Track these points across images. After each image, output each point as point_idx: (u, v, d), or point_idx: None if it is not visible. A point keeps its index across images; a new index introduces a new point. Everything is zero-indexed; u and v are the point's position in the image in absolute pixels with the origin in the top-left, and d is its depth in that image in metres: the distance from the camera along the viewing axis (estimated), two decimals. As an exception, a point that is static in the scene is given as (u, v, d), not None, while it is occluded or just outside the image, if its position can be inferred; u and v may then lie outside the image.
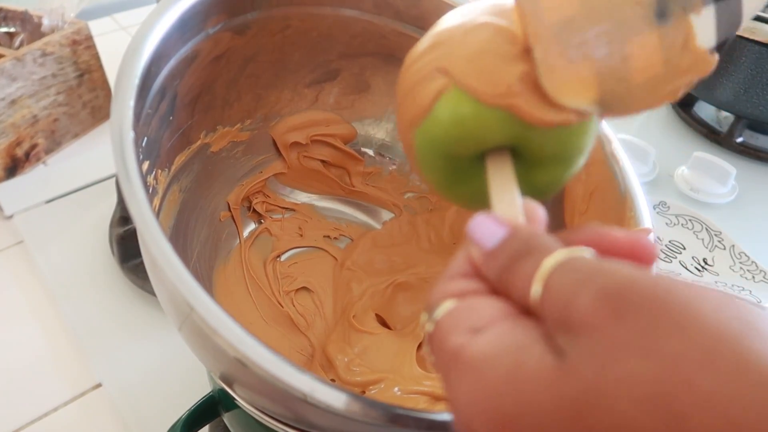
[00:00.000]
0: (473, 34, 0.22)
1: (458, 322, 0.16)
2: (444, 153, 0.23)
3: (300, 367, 0.21)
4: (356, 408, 0.21)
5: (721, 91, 0.65)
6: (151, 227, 0.22)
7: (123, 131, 0.23)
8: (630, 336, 0.12)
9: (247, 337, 0.21)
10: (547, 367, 0.13)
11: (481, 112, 0.21)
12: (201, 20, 0.31)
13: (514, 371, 0.14)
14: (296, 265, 0.42)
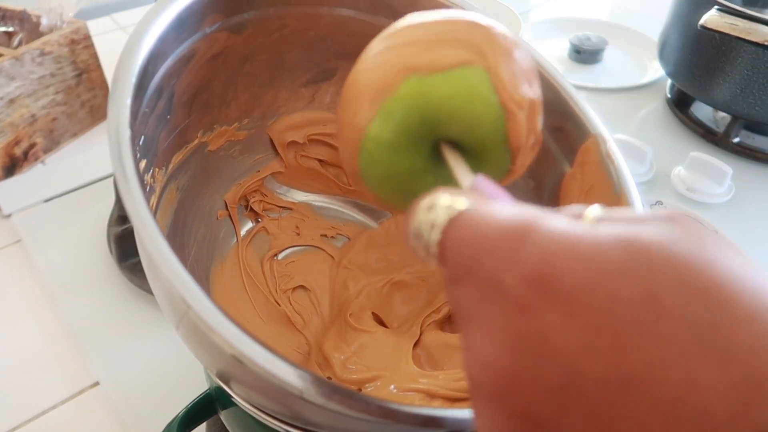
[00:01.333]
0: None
1: (521, 207, 0.16)
2: (404, 133, 0.23)
3: (296, 365, 0.21)
4: (352, 405, 0.21)
5: (717, 91, 0.66)
6: (148, 225, 0.22)
7: (120, 129, 0.24)
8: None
9: (243, 335, 0.21)
10: (663, 235, 0.14)
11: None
12: (198, 19, 0.31)
13: (630, 238, 0.14)
14: (293, 263, 0.42)
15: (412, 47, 0.23)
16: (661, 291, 0.13)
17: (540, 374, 0.13)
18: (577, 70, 0.83)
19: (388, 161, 0.23)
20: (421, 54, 0.22)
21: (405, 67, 0.22)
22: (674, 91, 0.75)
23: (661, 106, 0.77)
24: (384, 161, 0.23)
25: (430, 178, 0.24)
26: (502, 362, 0.14)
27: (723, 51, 0.63)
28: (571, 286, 0.13)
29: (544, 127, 0.34)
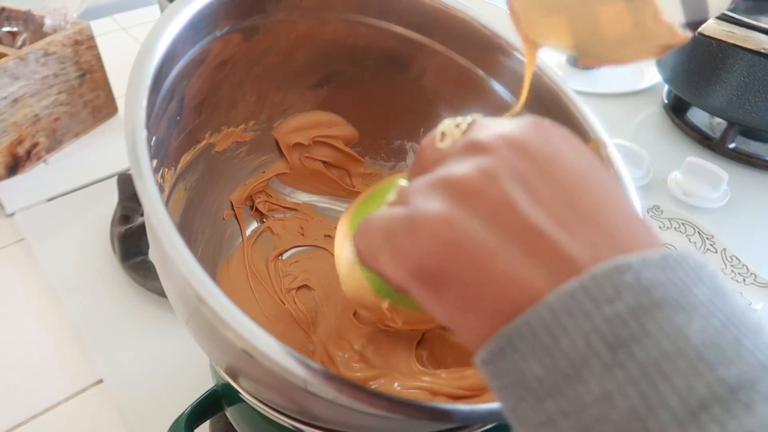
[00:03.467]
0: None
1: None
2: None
3: (306, 358, 0.22)
4: (362, 398, 0.22)
5: (714, 97, 0.67)
6: (163, 222, 0.22)
7: (136, 130, 0.24)
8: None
9: (256, 328, 0.21)
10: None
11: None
12: (210, 23, 0.32)
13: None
14: (298, 263, 0.43)
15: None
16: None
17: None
18: (575, 75, 0.84)
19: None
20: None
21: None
22: (671, 97, 0.76)
23: (658, 111, 0.78)
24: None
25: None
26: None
27: (720, 58, 0.64)
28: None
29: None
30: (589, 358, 0.15)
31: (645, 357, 0.14)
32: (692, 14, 0.26)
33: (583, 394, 0.15)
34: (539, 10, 0.27)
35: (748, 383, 0.14)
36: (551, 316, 0.15)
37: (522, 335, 0.16)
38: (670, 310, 0.15)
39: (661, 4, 0.26)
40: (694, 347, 0.14)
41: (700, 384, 0.14)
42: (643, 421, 0.14)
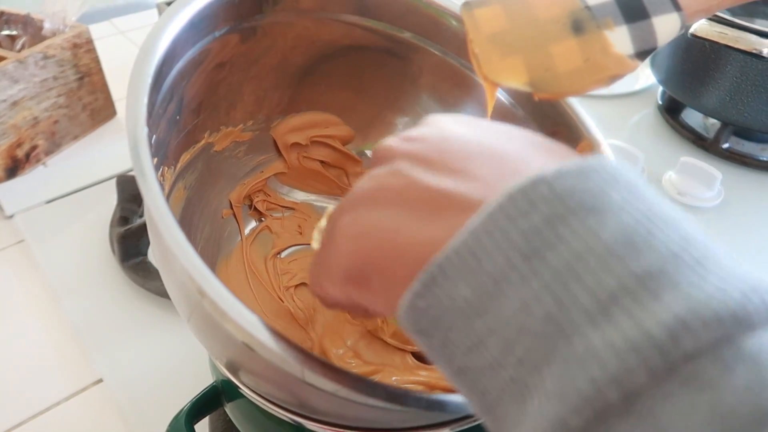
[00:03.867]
0: None
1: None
2: None
3: (306, 350, 0.22)
4: (358, 388, 0.22)
5: (707, 98, 0.67)
6: (165, 217, 0.23)
7: (138, 127, 0.25)
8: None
9: (256, 321, 0.22)
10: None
11: None
12: (210, 23, 0.32)
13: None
14: (296, 261, 0.43)
15: None
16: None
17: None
18: (571, 77, 0.84)
19: None
20: None
21: None
22: (665, 98, 0.77)
23: (653, 112, 0.78)
24: None
25: None
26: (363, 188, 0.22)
27: (712, 59, 0.64)
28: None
29: (540, 131, 0.36)
30: (508, 273, 0.15)
31: (558, 262, 0.15)
32: (641, 44, 0.28)
33: (504, 308, 0.15)
34: (497, 52, 0.29)
35: (657, 272, 0.14)
36: (474, 239, 0.16)
37: (450, 261, 0.16)
38: (583, 214, 0.15)
39: (611, 39, 0.28)
40: (605, 244, 0.15)
41: (610, 278, 0.14)
42: (558, 323, 0.14)
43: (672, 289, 0.14)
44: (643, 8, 0.28)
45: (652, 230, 0.15)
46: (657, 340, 0.13)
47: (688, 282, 0.14)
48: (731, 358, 0.13)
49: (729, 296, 0.13)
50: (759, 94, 0.63)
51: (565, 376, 0.14)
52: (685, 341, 0.13)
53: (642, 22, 0.28)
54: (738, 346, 0.13)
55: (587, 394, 0.13)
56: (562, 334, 0.14)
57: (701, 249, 0.15)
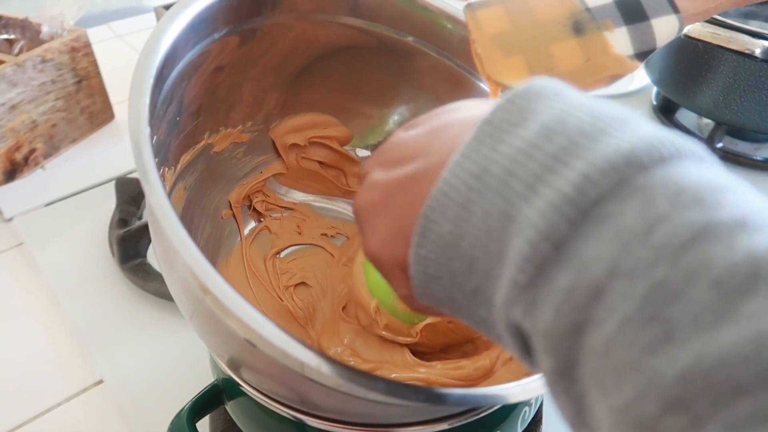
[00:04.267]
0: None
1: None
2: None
3: (307, 344, 0.22)
4: (361, 382, 0.22)
5: (701, 98, 0.68)
6: (168, 215, 0.23)
7: (140, 126, 0.25)
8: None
9: (258, 316, 0.22)
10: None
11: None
12: (210, 25, 0.33)
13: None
14: (295, 261, 0.43)
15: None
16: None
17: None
18: (566, 78, 0.85)
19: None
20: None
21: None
22: (660, 99, 0.78)
23: (647, 113, 0.79)
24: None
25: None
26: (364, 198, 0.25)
27: (706, 59, 0.65)
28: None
29: None
30: (468, 195, 0.18)
31: (499, 170, 0.18)
32: (641, 45, 0.29)
33: (473, 224, 0.18)
34: (500, 53, 0.30)
35: (569, 145, 0.17)
36: (442, 183, 0.19)
37: (431, 208, 0.19)
38: (513, 128, 0.18)
39: (611, 39, 0.29)
40: (529, 142, 0.18)
41: (534, 164, 0.17)
42: (508, 215, 0.17)
43: (580, 154, 0.17)
44: (642, 10, 0.29)
45: (565, 119, 0.18)
46: (569, 196, 0.16)
47: (592, 146, 0.17)
48: (626, 195, 0.16)
49: (621, 147, 0.16)
50: (752, 93, 0.63)
51: (514, 246, 0.17)
52: (589, 190, 0.16)
53: (641, 23, 0.29)
54: (632, 184, 0.16)
55: (527, 253, 0.16)
56: (511, 220, 0.17)
57: (607, 120, 0.17)
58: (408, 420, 0.29)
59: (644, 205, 0.15)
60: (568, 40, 0.30)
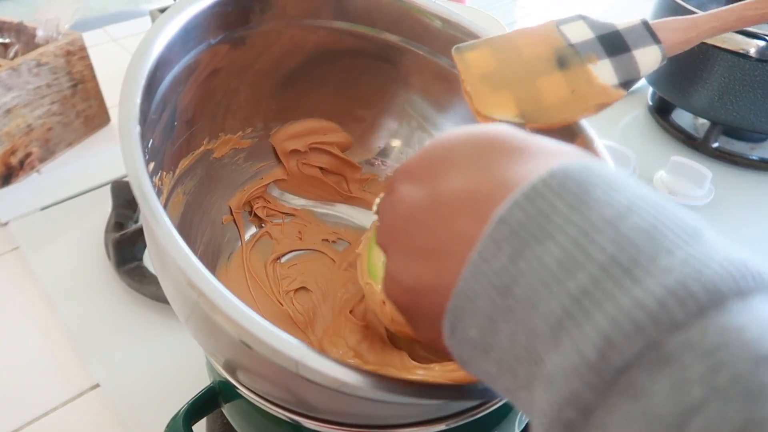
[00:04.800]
0: None
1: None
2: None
3: (301, 341, 0.22)
4: (352, 378, 0.22)
5: (697, 98, 0.68)
6: (158, 215, 0.23)
7: (130, 125, 0.25)
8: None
9: (253, 315, 0.22)
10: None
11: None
12: (202, 31, 0.33)
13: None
14: (296, 266, 0.43)
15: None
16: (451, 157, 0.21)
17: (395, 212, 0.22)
18: (562, 79, 0.85)
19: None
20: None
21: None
22: (655, 99, 0.78)
23: (643, 113, 0.79)
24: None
25: None
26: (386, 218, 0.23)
27: (701, 59, 0.65)
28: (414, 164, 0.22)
29: (534, 130, 0.37)
30: (493, 311, 0.17)
31: (521, 293, 0.16)
32: (625, 75, 0.30)
33: (500, 341, 0.17)
34: (488, 88, 0.31)
35: (591, 287, 0.15)
36: (465, 284, 0.18)
37: (456, 307, 0.18)
38: (533, 244, 0.16)
39: (595, 71, 0.30)
40: (551, 272, 0.16)
41: (555, 304, 0.15)
42: (530, 353, 0.16)
43: (601, 301, 0.14)
44: (623, 43, 0.30)
45: (586, 246, 0.15)
46: (591, 361, 0.14)
47: (615, 290, 0.14)
48: (656, 364, 0.13)
49: (647, 302, 0.14)
50: (747, 93, 0.64)
51: (539, 398, 0.15)
52: (613, 357, 0.14)
53: (624, 54, 0.30)
54: (661, 349, 0.13)
55: (552, 414, 0.14)
56: (536, 362, 0.16)
57: (627, 257, 0.15)
58: (405, 420, 0.29)
59: (677, 381, 0.13)
60: (553, 74, 0.30)
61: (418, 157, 0.22)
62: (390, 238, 0.22)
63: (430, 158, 0.22)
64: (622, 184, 0.17)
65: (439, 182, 0.20)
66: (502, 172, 0.19)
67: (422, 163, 0.22)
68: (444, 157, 0.21)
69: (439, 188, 0.20)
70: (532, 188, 0.17)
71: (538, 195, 0.17)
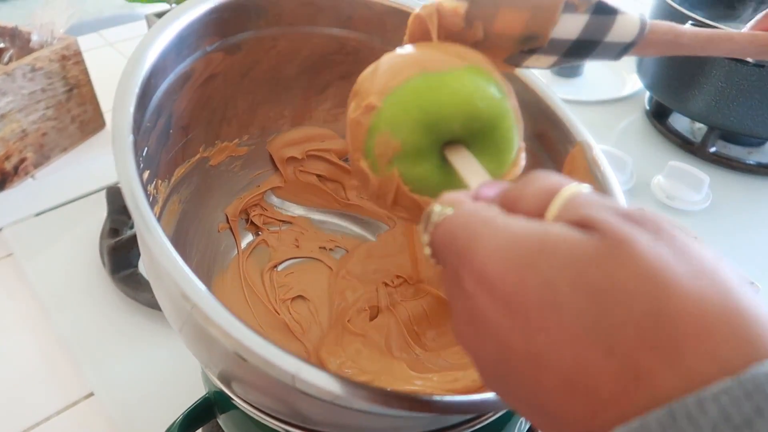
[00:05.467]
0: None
1: (489, 209, 0.18)
2: (423, 112, 0.25)
3: (293, 353, 0.22)
4: (345, 390, 0.22)
5: (694, 102, 0.68)
6: (150, 225, 0.23)
7: (123, 134, 0.25)
8: (644, 234, 0.15)
9: (245, 328, 0.22)
10: (573, 233, 0.16)
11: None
12: (197, 38, 0.33)
13: (543, 230, 0.16)
14: (292, 274, 0.43)
15: (421, 54, 0.26)
16: (557, 282, 0.15)
17: (484, 344, 0.17)
18: (559, 83, 0.85)
19: (396, 138, 0.25)
20: (429, 58, 0.25)
21: (414, 63, 0.25)
22: (652, 103, 0.78)
23: (640, 117, 0.79)
24: (389, 143, 0.25)
25: (429, 165, 0.26)
26: (462, 333, 0.18)
27: (698, 64, 0.65)
28: (495, 275, 0.16)
29: (532, 135, 0.36)
30: None
31: None
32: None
33: None
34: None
35: None
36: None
37: None
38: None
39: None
40: None
41: None
42: None
43: None
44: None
45: None
46: None
47: None
48: None
49: None
50: (744, 98, 0.64)
51: None
52: None
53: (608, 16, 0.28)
54: None
55: None
56: None
57: None
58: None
59: None
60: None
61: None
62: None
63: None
64: None
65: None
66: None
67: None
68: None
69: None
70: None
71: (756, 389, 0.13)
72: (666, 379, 0.14)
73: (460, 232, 0.18)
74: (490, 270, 0.16)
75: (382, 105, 0.25)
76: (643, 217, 0.16)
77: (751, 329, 0.14)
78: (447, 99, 0.25)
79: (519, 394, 0.16)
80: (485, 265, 0.16)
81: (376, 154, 0.26)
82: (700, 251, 0.15)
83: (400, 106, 0.25)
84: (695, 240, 0.16)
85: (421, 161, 0.26)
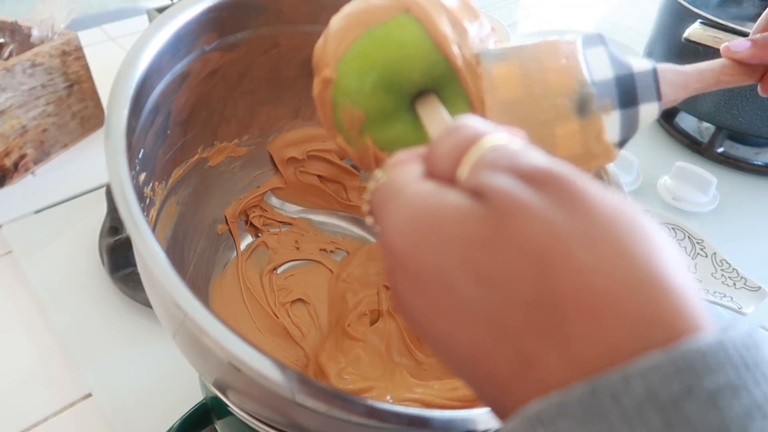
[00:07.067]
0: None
1: (408, 172, 0.17)
2: (375, 73, 0.24)
3: (288, 367, 0.21)
4: (338, 404, 0.21)
5: (702, 102, 0.67)
6: (143, 233, 0.22)
7: (117, 138, 0.24)
8: (535, 203, 0.14)
9: (238, 340, 0.21)
10: (464, 205, 0.15)
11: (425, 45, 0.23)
12: (194, 38, 0.32)
13: (437, 203, 0.16)
14: (292, 277, 0.42)
15: (363, 7, 0.25)
16: (446, 264, 0.15)
17: (407, 319, 0.17)
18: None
19: (358, 108, 0.24)
20: (370, 8, 0.24)
21: (357, 21, 0.24)
22: (659, 103, 0.77)
23: (647, 116, 0.78)
24: (353, 114, 0.25)
25: (400, 125, 0.25)
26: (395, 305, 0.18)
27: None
28: (401, 252, 0.16)
29: None
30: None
31: None
32: (626, 133, 0.28)
33: None
34: (506, 121, 0.28)
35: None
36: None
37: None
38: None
39: (605, 125, 0.28)
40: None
41: None
42: None
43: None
44: (634, 93, 0.29)
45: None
46: None
47: None
48: None
49: None
50: (753, 98, 0.63)
51: None
52: None
53: (632, 109, 0.28)
54: None
55: None
56: None
57: None
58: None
59: None
60: (571, 121, 0.28)
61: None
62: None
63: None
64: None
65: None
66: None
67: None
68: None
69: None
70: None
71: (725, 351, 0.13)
72: (553, 365, 0.13)
73: (382, 201, 0.17)
74: (396, 246, 0.16)
75: (337, 75, 0.24)
76: (547, 177, 0.15)
77: (669, 301, 0.13)
78: (396, 53, 0.23)
79: (450, 367, 0.16)
80: (393, 240, 0.16)
81: (346, 128, 0.25)
82: (605, 212, 0.14)
83: (353, 73, 0.24)
84: (611, 196, 0.14)
85: (391, 123, 0.25)
